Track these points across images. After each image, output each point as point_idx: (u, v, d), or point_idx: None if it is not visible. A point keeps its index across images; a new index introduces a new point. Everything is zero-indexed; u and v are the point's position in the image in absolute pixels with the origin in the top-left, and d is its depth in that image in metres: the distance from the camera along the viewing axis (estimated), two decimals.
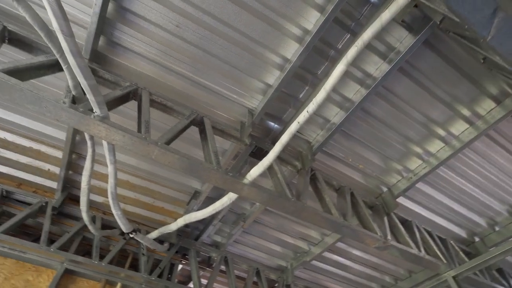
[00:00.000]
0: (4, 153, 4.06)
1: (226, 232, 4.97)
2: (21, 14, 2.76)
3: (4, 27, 2.80)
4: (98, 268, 3.94)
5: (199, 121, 3.20)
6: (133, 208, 4.63)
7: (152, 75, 3.24)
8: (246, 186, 2.75)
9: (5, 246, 3.65)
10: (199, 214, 3.30)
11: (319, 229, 4.91)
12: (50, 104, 2.40)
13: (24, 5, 2.06)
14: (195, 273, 4.54)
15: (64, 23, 1.97)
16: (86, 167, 3.24)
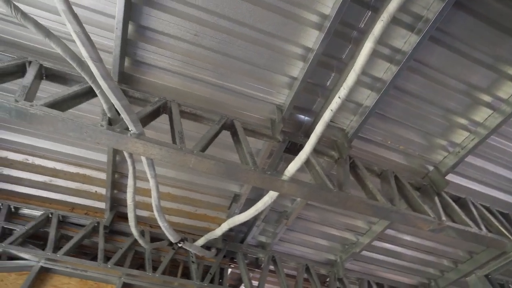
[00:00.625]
0: (55, 181, 4.35)
1: (270, 232, 4.95)
2: (53, 50, 3.00)
3: (41, 65, 2.99)
4: (152, 280, 4.09)
5: (229, 125, 3.21)
6: (177, 218, 4.76)
7: (178, 86, 3.31)
8: (286, 183, 2.70)
9: (68, 267, 3.91)
10: (242, 217, 3.30)
11: (365, 218, 4.74)
12: (90, 129, 2.52)
13: (55, 40, 2.18)
14: (245, 275, 4.57)
15: (92, 50, 2.07)
16: (129, 184, 3.37)
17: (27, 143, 3.94)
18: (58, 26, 2.92)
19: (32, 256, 3.86)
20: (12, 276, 3.78)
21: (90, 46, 2.03)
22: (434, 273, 5.69)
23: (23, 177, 4.26)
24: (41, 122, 2.52)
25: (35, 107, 2.50)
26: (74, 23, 1.92)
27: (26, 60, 2.95)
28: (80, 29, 1.95)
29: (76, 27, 1.94)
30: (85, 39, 1.99)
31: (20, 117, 2.52)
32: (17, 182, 4.33)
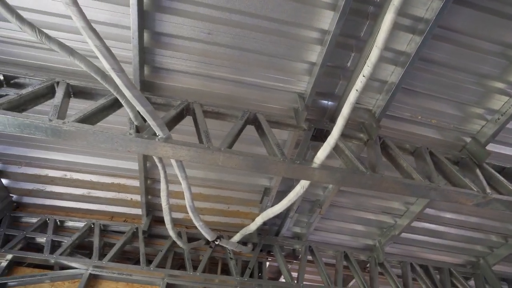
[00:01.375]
0: (93, 193, 4.56)
1: (304, 222, 4.92)
2: (78, 69, 3.12)
3: (68, 84, 3.11)
4: (194, 278, 4.20)
5: (253, 119, 3.20)
6: (211, 217, 4.84)
7: (199, 87, 3.33)
8: (317, 170, 2.65)
9: (114, 272, 4.10)
10: (275, 209, 3.29)
11: (401, 199, 4.58)
12: (119, 138, 2.60)
13: (79, 57, 2.26)
14: (283, 267, 4.58)
15: (114, 61, 2.11)
16: (162, 188, 3.46)
17: (64, 160, 4.15)
18: (80, 45, 3.01)
19: (81, 264, 4.09)
20: (66, 284, 4.03)
21: (111, 58, 2.08)
22: (482, 250, 5.41)
23: (64, 192, 4.50)
24: (75, 137, 2.63)
25: (68, 124, 2.61)
26: (94, 38, 1.97)
27: (54, 81, 3.09)
28: (100, 43, 2.00)
29: (96, 42, 1.99)
30: (106, 52, 2.04)
31: (55, 135, 2.64)
32: (59, 197, 4.58)
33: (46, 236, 4.32)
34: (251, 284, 4.30)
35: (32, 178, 4.36)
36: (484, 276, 5.39)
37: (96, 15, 2.84)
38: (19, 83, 3.16)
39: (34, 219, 4.55)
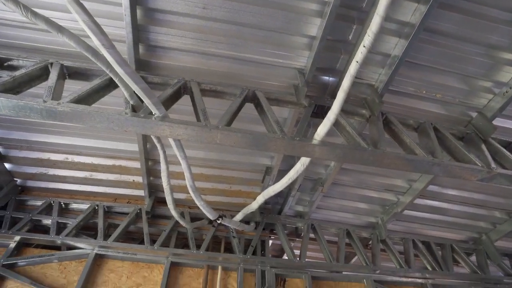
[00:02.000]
0: (96, 176, 4.58)
1: (306, 201, 4.93)
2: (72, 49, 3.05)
3: (62, 65, 3.03)
4: (198, 257, 4.27)
5: (252, 97, 3.13)
6: (214, 197, 4.86)
7: (195, 65, 3.25)
8: (317, 147, 2.61)
9: (119, 252, 4.18)
10: (276, 187, 3.28)
11: (404, 176, 4.54)
12: (115, 118, 2.56)
13: (67, 34, 2.18)
14: (286, 245, 4.63)
15: (103, 37, 2.04)
16: (162, 169, 3.45)
17: (64, 143, 4.15)
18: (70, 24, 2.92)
19: (87, 245, 4.17)
20: (73, 264, 4.12)
21: (100, 34, 2.00)
22: (485, 227, 5.41)
23: (66, 175, 4.54)
24: (70, 119, 2.60)
25: (63, 105, 2.57)
26: (81, 12, 1.89)
27: (48, 62, 3.01)
28: (88, 17, 1.92)
29: (83, 16, 1.91)
30: (94, 27, 1.96)
31: (51, 116, 2.61)
32: (62, 180, 4.62)
33: (52, 218, 4.39)
34: (254, 262, 4.36)
35: (34, 162, 4.39)
36: (486, 251, 5.42)
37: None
38: (13, 65, 3.09)
39: (39, 202, 4.61)
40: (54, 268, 4.06)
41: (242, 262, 4.36)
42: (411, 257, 4.96)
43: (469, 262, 5.20)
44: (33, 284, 3.81)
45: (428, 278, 4.78)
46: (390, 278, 4.67)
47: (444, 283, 4.86)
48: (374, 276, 4.59)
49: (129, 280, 4.08)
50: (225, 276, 4.30)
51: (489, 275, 5.05)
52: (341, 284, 4.50)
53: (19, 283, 3.84)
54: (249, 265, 4.36)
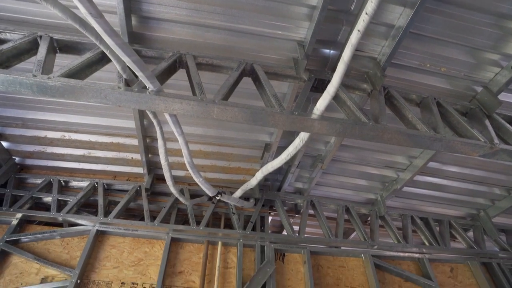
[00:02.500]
0: (94, 153, 4.55)
1: (306, 177, 4.92)
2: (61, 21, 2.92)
3: (51, 38, 2.90)
4: (198, 232, 4.32)
5: (249, 70, 3.02)
6: (213, 174, 4.86)
7: (191, 38, 3.12)
8: (316, 121, 2.54)
9: (120, 228, 4.23)
10: (275, 163, 3.25)
11: (405, 153, 4.50)
12: (108, 92, 2.48)
13: (51, 2, 2.06)
14: (285, 221, 4.67)
15: (90, 5, 1.91)
16: (159, 145, 3.40)
17: (61, 120, 4.08)
18: None
19: (88, 221, 4.21)
20: (76, 240, 4.19)
21: (87, 2, 1.88)
22: (483, 203, 5.44)
23: (64, 152, 4.51)
24: (62, 94, 2.52)
25: (53, 79, 2.48)
26: None
27: (36, 35, 2.88)
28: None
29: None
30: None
31: (42, 92, 2.53)
32: (61, 158, 4.60)
33: (52, 196, 4.41)
34: (253, 237, 4.42)
35: (31, 140, 4.34)
36: (483, 227, 5.48)
37: None
38: (3, 39, 2.96)
39: (39, 180, 4.62)
40: (56, 244, 4.13)
41: (242, 238, 4.42)
42: (409, 232, 5.02)
43: (466, 238, 5.27)
44: (37, 259, 3.88)
45: (425, 253, 4.86)
46: (388, 253, 4.75)
47: (440, 257, 4.95)
48: (372, 251, 4.66)
49: (131, 255, 4.15)
50: (225, 251, 4.37)
51: (485, 249, 5.13)
52: (339, 258, 4.58)
53: (23, 258, 3.91)
54: (249, 240, 4.42)
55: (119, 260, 4.08)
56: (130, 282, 3.92)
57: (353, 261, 4.59)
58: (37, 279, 3.80)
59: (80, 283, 3.77)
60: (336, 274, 4.40)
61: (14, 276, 3.81)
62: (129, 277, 3.95)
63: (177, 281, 4.00)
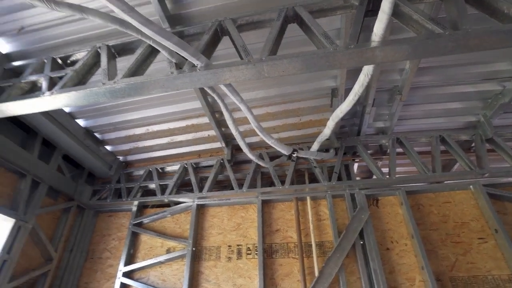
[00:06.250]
0: (176, 138, 5.00)
1: (385, 115, 4.48)
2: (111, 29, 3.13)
3: (108, 46, 3.15)
4: (285, 191, 4.44)
5: (292, 15, 2.76)
6: (286, 133, 4.83)
7: (226, 1, 3.00)
8: (378, 49, 2.20)
9: (215, 199, 4.65)
10: (343, 107, 3.02)
11: (508, 56, 3.63)
12: (164, 80, 2.62)
13: (91, 12, 2.21)
14: (371, 165, 4.41)
15: (119, 2, 1.98)
16: (226, 118, 3.51)
17: (140, 117, 4.56)
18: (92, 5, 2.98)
19: (188, 198, 4.75)
20: (183, 215, 4.80)
21: (116, 0, 1.95)
22: None
23: (152, 144, 5.08)
24: (128, 93, 2.77)
25: (118, 82, 2.74)
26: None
27: (96, 48, 3.18)
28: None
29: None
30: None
31: (113, 95, 2.82)
32: (151, 149, 5.21)
33: (155, 182, 5.08)
34: (340, 187, 4.32)
35: (125, 140, 5.01)
36: None
37: None
38: (73, 60, 3.35)
39: (141, 171, 5.35)
40: (169, 221, 4.82)
41: (329, 189, 4.38)
42: None
43: None
44: (158, 235, 4.62)
45: None
46: (504, 179, 4.07)
47: None
48: (483, 180, 4.07)
49: (230, 222, 4.57)
50: (315, 205, 4.42)
51: None
52: (442, 194, 4.15)
53: (148, 236, 4.71)
54: (337, 191, 4.36)
55: (221, 227, 4.54)
56: (235, 244, 4.35)
57: (460, 195, 4.10)
58: (163, 250, 4.54)
59: (195, 250, 4.36)
60: (441, 211, 4.02)
61: (147, 250, 4.64)
62: (233, 241, 4.38)
63: (276, 238, 4.27)
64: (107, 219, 5.17)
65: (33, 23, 3.23)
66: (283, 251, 4.14)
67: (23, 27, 3.20)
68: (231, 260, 4.24)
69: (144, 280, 4.37)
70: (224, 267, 4.19)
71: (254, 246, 4.27)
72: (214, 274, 4.17)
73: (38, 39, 3.39)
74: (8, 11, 3.09)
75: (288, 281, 3.90)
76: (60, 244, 4.65)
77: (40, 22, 3.21)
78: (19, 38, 3.36)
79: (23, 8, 3.08)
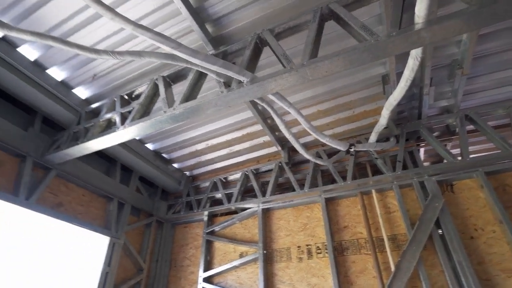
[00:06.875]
0: (234, 148, 5.26)
1: (448, 92, 4.11)
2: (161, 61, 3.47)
3: (163, 77, 3.47)
4: (347, 187, 4.36)
5: (328, 13, 2.75)
6: (341, 128, 4.74)
7: (260, 14, 3.12)
8: (423, 30, 2.08)
9: (279, 202, 4.77)
10: (395, 95, 2.88)
11: None
12: (216, 100, 2.84)
13: (147, 54, 2.52)
14: (439, 148, 4.08)
15: (168, 41, 2.23)
16: (278, 123, 3.61)
17: (199, 134, 4.92)
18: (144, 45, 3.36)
19: (252, 204, 4.95)
20: (250, 221, 5.02)
21: (166, 40, 2.20)
22: None
23: (213, 156, 5.42)
24: (187, 116, 3.06)
25: (177, 108, 3.04)
26: (144, 32, 2.12)
27: (154, 80, 3.56)
28: (151, 33, 2.13)
29: (147, 34, 2.14)
30: (159, 38, 2.17)
31: (174, 120, 3.14)
32: (213, 161, 5.56)
33: (220, 192, 5.41)
34: (407, 175, 4.09)
35: (189, 156, 5.44)
36: None
37: (144, 9, 3.02)
38: (138, 94, 3.81)
39: (207, 183, 5.74)
40: (238, 227, 5.08)
41: (395, 180, 4.17)
42: None
43: None
44: (230, 241, 4.91)
45: None
46: None
47: None
48: None
49: (296, 222, 4.64)
50: (382, 198, 4.26)
51: None
52: None
53: (221, 243, 5.03)
54: (404, 180, 4.13)
55: (288, 229, 4.64)
56: (304, 244, 4.41)
57: None
58: (236, 255, 4.81)
59: (266, 253, 4.53)
60: None
61: (222, 256, 4.96)
62: (302, 241, 4.44)
63: (345, 235, 4.21)
64: (183, 230, 5.66)
65: (102, 69, 3.75)
66: (354, 247, 4.07)
67: (95, 74, 3.74)
68: (302, 260, 4.30)
69: (222, 284, 4.68)
70: (297, 268, 4.28)
71: (323, 245, 4.28)
72: (288, 275, 4.27)
73: (107, 82, 3.93)
74: (83, 64, 3.65)
75: (363, 278, 3.82)
76: (147, 256, 5.24)
77: (107, 67, 3.72)
78: (93, 84, 3.93)
79: (93, 59, 3.60)
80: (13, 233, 3.51)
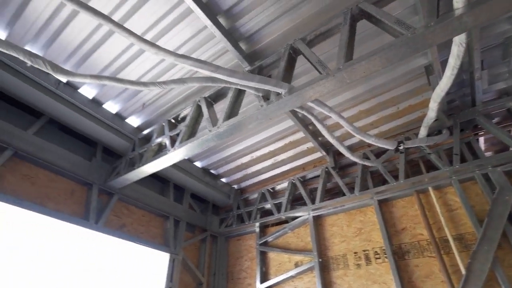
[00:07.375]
0: (278, 158, 5.31)
1: (504, 73, 3.76)
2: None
3: (205, 98, 3.67)
4: (400, 187, 4.15)
5: (358, 13, 2.73)
6: (386, 125, 4.56)
7: (290, 25, 3.17)
8: (465, 15, 1.97)
9: (329, 208, 4.70)
10: (442, 85, 2.73)
11: None
12: (257, 114, 2.94)
13: (190, 81, 2.71)
14: (501, 135, 3.73)
15: (207, 66, 2.38)
16: (320, 128, 3.61)
17: (243, 147, 5.05)
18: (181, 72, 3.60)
19: (303, 212, 4.93)
20: (302, 229, 4.99)
21: (204, 65, 2.35)
22: None
23: (259, 168, 5.52)
24: (230, 132, 3.20)
25: (221, 126, 3.19)
26: (185, 60, 2.30)
27: (197, 102, 3.78)
28: (190, 61, 2.30)
29: (188, 62, 2.31)
30: (198, 63, 2.33)
31: (220, 138, 3.30)
32: (259, 173, 5.65)
33: (269, 203, 5.46)
34: (467, 168, 3.78)
35: (235, 170, 5.61)
36: None
37: (182, 38, 3.26)
38: (183, 116, 4.06)
39: (255, 195, 5.83)
40: (290, 236, 5.07)
41: (453, 174, 3.89)
42: None
43: None
44: (284, 251, 4.91)
45: None
46: None
47: None
48: None
49: (350, 228, 4.51)
50: (440, 195, 3.99)
51: None
52: None
53: (275, 253, 5.05)
54: (463, 174, 3.83)
55: (342, 235, 4.52)
56: (361, 250, 4.25)
57: None
58: (291, 265, 4.79)
59: (321, 261, 4.45)
60: None
61: (277, 267, 4.96)
62: (358, 246, 4.30)
63: (404, 238, 3.99)
64: (237, 243, 5.78)
65: (149, 98, 4.07)
66: (415, 250, 3.83)
67: (144, 103, 4.08)
68: (360, 266, 4.15)
69: None
70: (355, 275, 4.13)
71: (381, 249, 4.09)
72: (347, 283, 4.14)
73: (155, 108, 4.25)
74: (132, 95, 4.01)
75: (430, 282, 3.57)
76: (205, 270, 5.43)
77: (154, 95, 4.04)
78: (143, 112, 4.28)
79: (141, 90, 3.93)
80: (81, 254, 3.88)
